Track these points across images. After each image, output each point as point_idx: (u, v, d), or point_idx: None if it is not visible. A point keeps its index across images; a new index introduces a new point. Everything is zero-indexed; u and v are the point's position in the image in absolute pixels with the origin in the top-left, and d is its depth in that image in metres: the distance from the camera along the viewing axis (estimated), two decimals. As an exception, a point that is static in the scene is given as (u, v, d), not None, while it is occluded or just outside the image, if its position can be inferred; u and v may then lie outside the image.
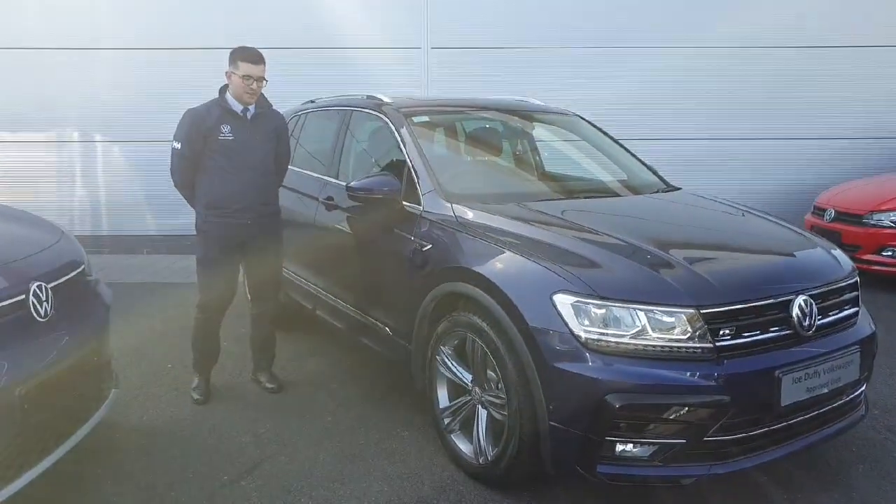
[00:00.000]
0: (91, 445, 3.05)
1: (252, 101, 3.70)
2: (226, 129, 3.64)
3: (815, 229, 6.46)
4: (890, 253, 6.31)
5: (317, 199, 4.31)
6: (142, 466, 3.15)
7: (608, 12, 8.38)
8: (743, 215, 3.66)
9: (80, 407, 2.86)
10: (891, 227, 6.34)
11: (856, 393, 2.96)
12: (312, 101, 5.18)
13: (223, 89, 3.74)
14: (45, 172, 8.65)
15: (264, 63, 3.68)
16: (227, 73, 3.69)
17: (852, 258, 3.27)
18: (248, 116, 3.72)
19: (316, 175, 4.49)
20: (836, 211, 6.86)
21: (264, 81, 3.70)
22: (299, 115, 5.18)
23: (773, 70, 8.43)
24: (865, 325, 3.04)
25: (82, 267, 3.08)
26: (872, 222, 6.46)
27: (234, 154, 3.66)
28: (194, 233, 3.80)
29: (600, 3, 8.38)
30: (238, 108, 3.69)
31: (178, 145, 3.67)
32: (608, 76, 8.39)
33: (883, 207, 6.47)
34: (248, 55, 3.64)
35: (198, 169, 3.70)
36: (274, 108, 3.91)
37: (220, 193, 3.68)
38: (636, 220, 3.51)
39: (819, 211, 7.14)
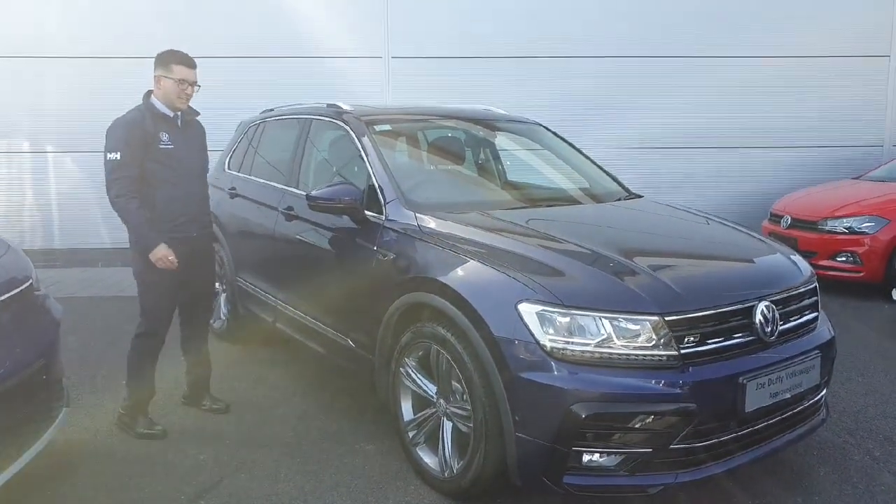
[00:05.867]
0: (41, 466, 2.93)
1: (184, 107, 3.53)
2: (165, 136, 3.44)
3: (771, 236, 6.58)
4: (844, 258, 6.45)
5: (276, 209, 4.22)
6: (96, 487, 3.03)
7: (566, 23, 8.45)
8: (705, 222, 3.70)
9: (28, 427, 2.74)
10: (844, 234, 6.49)
11: (817, 397, 2.99)
12: (271, 110, 5.10)
13: (149, 95, 3.51)
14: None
15: (196, 67, 3.52)
16: (156, 77, 3.46)
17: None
18: (180, 123, 3.54)
19: (275, 185, 4.40)
20: (791, 217, 6.99)
21: (198, 87, 3.53)
22: (258, 124, 5.09)
23: (729, 80, 8.57)
24: (825, 329, 3.08)
25: (30, 282, 2.96)
26: (827, 228, 6.60)
27: (176, 163, 3.47)
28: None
29: (557, 14, 8.44)
30: (169, 113, 3.50)
31: (116, 155, 3.35)
32: (568, 86, 8.47)
33: (837, 214, 6.62)
34: (183, 59, 3.46)
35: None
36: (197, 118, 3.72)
37: (165, 206, 3.46)
38: (599, 228, 3.51)
39: (775, 217, 7.28)
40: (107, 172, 3.39)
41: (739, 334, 2.66)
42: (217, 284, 5.15)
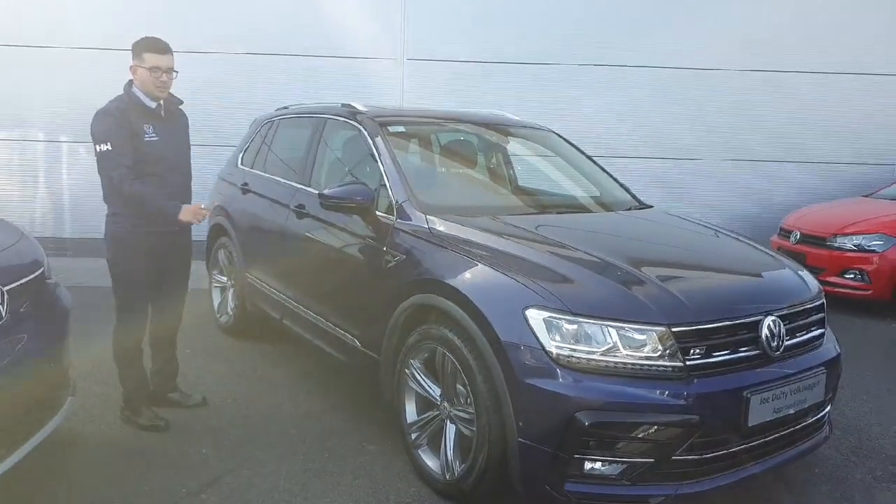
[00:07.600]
0: (45, 455, 2.95)
1: (164, 96, 3.43)
2: (149, 129, 3.35)
3: (780, 251, 6.55)
4: (852, 275, 6.43)
5: (287, 206, 4.24)
6: (98, 478, 3.05)
7: (584, 32, 8.46)
8: (714, 235, 3.70)
9: (33, 415, 2.75)
10: (854, 251, 6.46)
11: (820, 414, 2.99)
12: (286, 108, 5.13)
13: (129, 85, 3.42)
14: (6, 173, 8.47)
15: (172, 53, 3.38)
16: (131, 67, 3.38)
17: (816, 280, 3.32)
18: (163, 114, 3.46)
19: (287, 182, 4.42)
20: (801, 233, 6.97)
21: (175, 73, 3.41)
22: (272, 122, 5.12)
23: (740, 93, 8.57)
24: (831, 346, 3.08)
25: (41, 269, 2.99)
26: (836, 245, 6.58)
27: (161, 157, 3.39)
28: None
29: (576, 21, 8.44)
30: (152, 104, 3.41)
31: (107, 147, 3.24)
32: (583, 94, 8.48)
33: (847, 231, 6.60)
34: (153, 45, 3.35)
35: None
36: (181, 107, 3.64)
37: None
38: (609, 237, 3.52)
39: (785, 233, 7.26)
40: (100, 167, 3.30)
41: (745, 348, 2.67)
42: (225, 279, 5.19)
